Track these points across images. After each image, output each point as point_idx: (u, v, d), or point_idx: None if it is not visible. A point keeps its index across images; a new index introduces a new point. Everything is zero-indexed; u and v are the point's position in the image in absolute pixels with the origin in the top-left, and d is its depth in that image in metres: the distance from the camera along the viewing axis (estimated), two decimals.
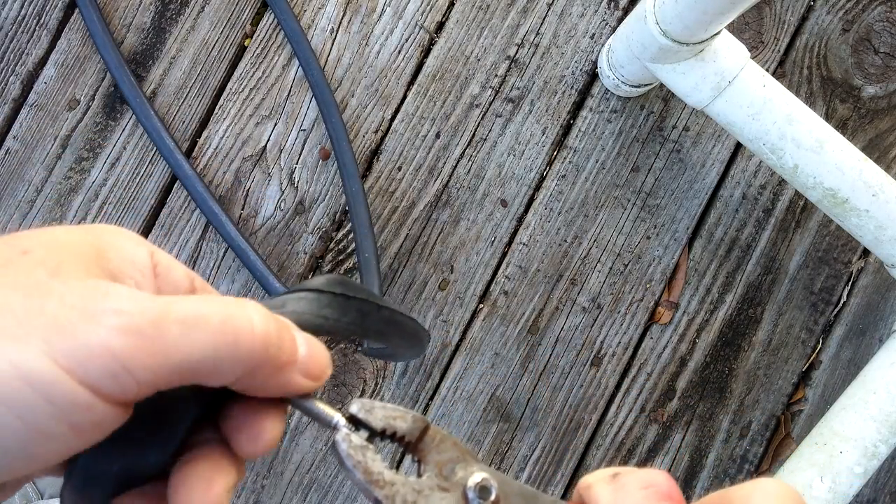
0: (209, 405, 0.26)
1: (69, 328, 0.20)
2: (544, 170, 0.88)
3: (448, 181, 0.87)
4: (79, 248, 0.23)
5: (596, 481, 0.26)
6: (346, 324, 0.29)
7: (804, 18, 0.90)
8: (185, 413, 0.25)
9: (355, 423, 0.26)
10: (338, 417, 0.26)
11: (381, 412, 0.26)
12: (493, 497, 0.26)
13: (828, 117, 0.89)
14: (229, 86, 0.87)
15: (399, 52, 0.88)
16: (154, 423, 0.24)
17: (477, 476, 0.26)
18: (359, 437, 0.26)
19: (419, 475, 0.26)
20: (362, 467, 0.25)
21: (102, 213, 0.87)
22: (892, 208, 0.70)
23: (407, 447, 0.27)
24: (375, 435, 0.26)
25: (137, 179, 0.86)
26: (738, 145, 0.89)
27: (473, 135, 0.87)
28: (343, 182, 0.82)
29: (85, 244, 0.24)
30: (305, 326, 0.27)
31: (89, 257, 0.23)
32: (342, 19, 0.87)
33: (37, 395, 0.20)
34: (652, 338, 0.88)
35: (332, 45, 0.87)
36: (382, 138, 0.87)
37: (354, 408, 0.26)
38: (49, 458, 0.21)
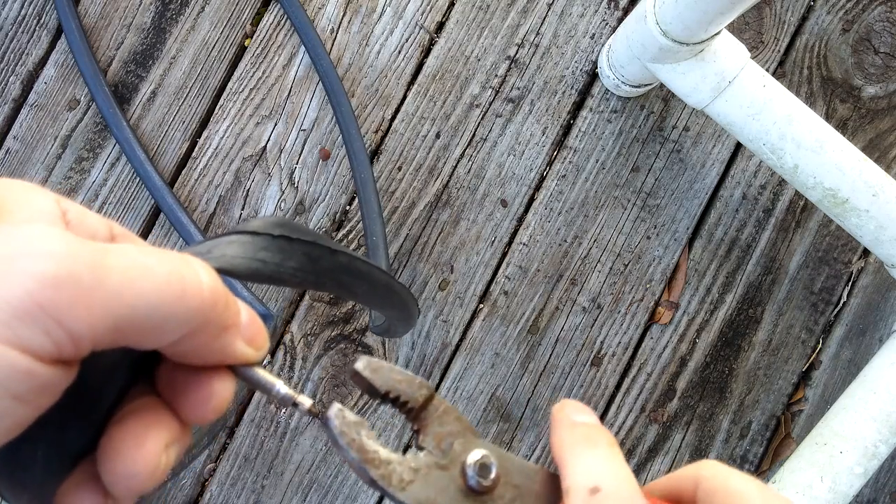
0: (137, 372, 0.24)
1: None
2: (544, 170, 0.88)
3: (448, 181, 0.87)
4: None
5: (574, 490, 0.24)
6: (292, 270, 0.26)
7: (804, 18, 0.90)
8: (110, 382, 0.23)
9: (359, 381, 0.25)
10: (279, 385, 0.24)
11: (388, 373, 0.25)
12: (492, 475, 0.25)
13: (828, 117, 0.89)
14: (229, 86, 0.87)
15: (399, 52, 0.88)
16: (74, 396, 0.21)
17: (476, 453, 0.25)
18: (353, 414, 0.24)
19: (418, 445, 0.25)
20: (356, 445, 0.24)
21: (102, 214, 0.87)
22: (892, 208, 0.70)
23: (408, 414, 0.25)
24: (377, 396, 0.25)
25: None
26: (738, 145, 0.89)
27: (473, 135, 0.87)
28: (352, 169, 0.82)
29: None
30: (238, 272, 0.24)
31: None
32: (342, 19, 0.87)
33: None
34: (652, 338, 0.88)
35: (333, 45, 0.87)
36: (382, 138, 0.87)
37: (360, 365, 0.25)
38: (1, 436, 0.19)
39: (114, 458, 0.21)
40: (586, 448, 0.25)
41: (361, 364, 0.25)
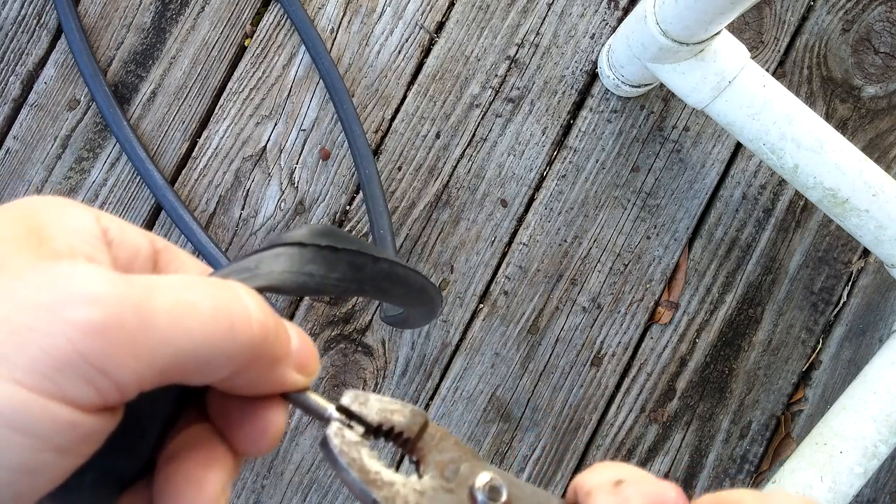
0: (186, 399, 0.23)
1: (26, 334, 0.16)
2: (544, 170, 0.88)
3: (448, 181, 0.87)
4: (10, 231, 0.19)
5: (596, 488, 0.23)
6: (336, 280, 0.25)
7: (804, 18, 0.90)
8: (157, 411, 0.22)
9: (349, 416, 0.23)
10: (331, 409, 0.23)
11: (377, 405, 0.23)
12: (503, 497, 0.23)
13: (828, 117, 0.89)
14: (229, 86, 0.87)
15: (399, 52, 0.88)
16: (122, 425, 0.20)
17: (485, 475, 0.23)
18: (353, 433, 0.23)
19: (419, 476, 0.24)
20: (357, 465, 0.22)
21: None
22: (892, 208, 0.70)
23: (405, 445, 0.24)
24: (371, 430, 0.23)
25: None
26: (738, 145, 0.89)
27: (473, 135, 0.87)
28: (356, 165, 0.83)
29: (16, 224, 0.19)
30: (286, 288, 0.24)
31: (27, 239, 0.19)
32: (342, 19, 0.87)
33: (5, 430, 0.16)
34: (652, 338, 0.88)
35: (333, 45, 0.87)
36: (382, 138, 0.87)
37: (347, 399, 0.23)
38: (42, 488, 0.18)
39: (174, 501, 0.21)
40: (605, 465, 0.24)
41: (349, 398, 0.23)
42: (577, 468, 0.87)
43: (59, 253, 0.19)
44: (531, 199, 0.87)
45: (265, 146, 0.86)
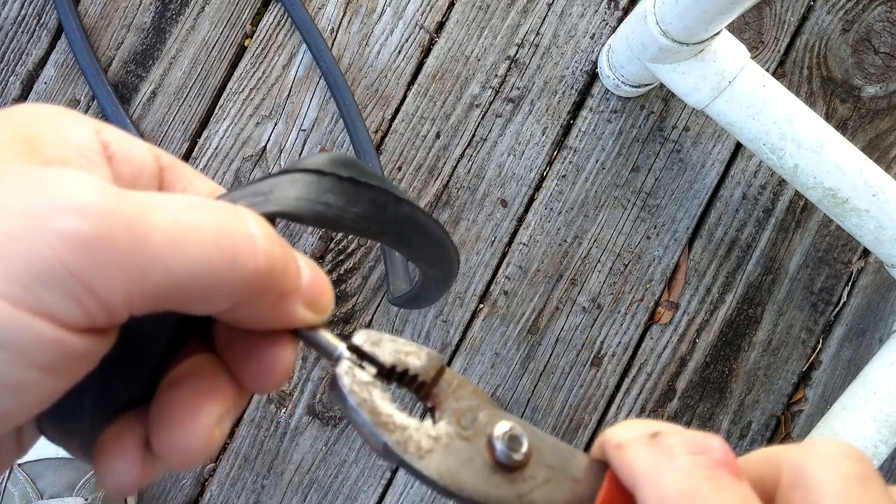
0: (191, 327, 0.22)
1: (7, 241, 0.15)
2: (544, 170, 0.88)
3: (448, 181, 0.87)
4: (2, 134, 0.18)
5: (629, 441, 0.21)
6: (356, 216, 0.23)
7: (804, 18, 0.90)
8: (158, 336, 0.21)
9: (360, 357, 0.22)
10: (342, 348, 0.22)
11: (391, 345, 0.22)
12: (524, 448, 0.21)
13: (828, 117, 0.89)
14: (229, 86, 0.87)
15: (399, 52, 0.88)
16: (120, 349, 0.19)
17: (504, 424, 0.22)
18: (364, 373, 0.21)
19: (434, 423, 0.22)
20: (368, 406, 0.21)
21: None
22: (892, 208, 0.70)
23: (419, 390, 0.22)
24: (383, 373, 0.22)
25: None
26: (738, 145, 0.89)
27: (473, 135, 0.87)
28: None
29: (6, 132, 0.18)
30: (301, 216, 0.22)
31: (18, 147, 0.18)
32: (342, 19, 0.87)
33: None
34: (652, 338, 0.88)
35: (332, 45, 0.87)
36: (382, 138, 0.87)
37: (359, 339, 0.22)
38: (30, 407, 0.17)
39: (166, 430, 0.20)
40: (634, 421, 0.22)
41: (361, 338, 0.22)
42: None
43: (51, 162, 0.18)
44: (531, 199, 0.87)
45: (265, 146, 0.86)
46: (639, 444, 0.20)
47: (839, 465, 0.19)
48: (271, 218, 0.21)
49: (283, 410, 0.85)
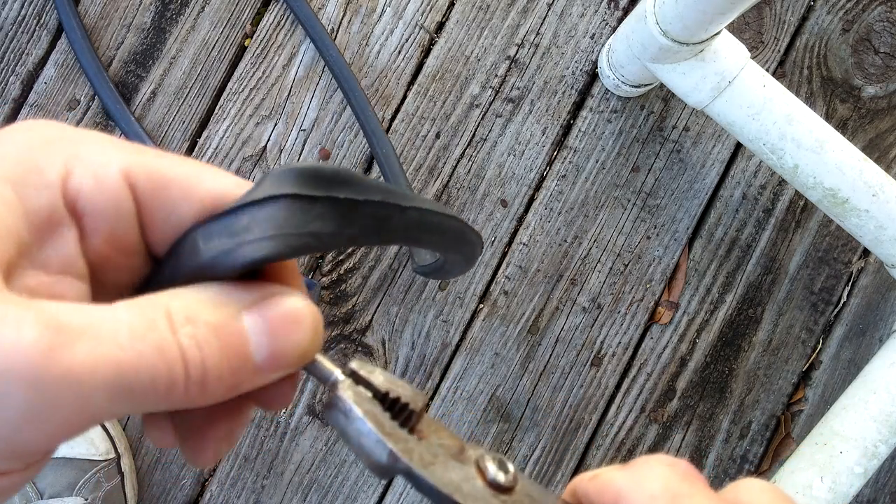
0: None
1: None
2: (544, 170, 0.88)
3: (448, 181, 0.87)
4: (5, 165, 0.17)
5: (604, 470, 0.22)
6: (351, 235, 0.21)
7: (804, 18, 0.90)
8: None
9: (356, 381, 0.22)
10: (337, 373, 0.22)
11: (382, 376, 0.22)
12: (511, 471, 0.22)
13: (828, 117, 0.89)
14: (229, 86, 0.87)
15: (399, 52, 0.88)
16: None
17: (489, 454, 0.23)
18: (365, 391, 0.22)
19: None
20: (374, 417, 0.21)
21: None
22: (892, 208, 0.70)
23: (406, 422, 0.22)
24: (378, 397, 0.22)
25: None
26: (738, 145, 0.89)
27: (473, 135, 0.87)
28: (371, 146, 0.83)
29: (17, 157, 0.17)
30: (282, 256, 0.20)
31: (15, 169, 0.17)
32: (342, 19, 0.87)
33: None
34: (652, 338, 0.88)
35: None
36: None
37: (355, 365, 0.22)
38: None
39: (188, 450, 0.22)
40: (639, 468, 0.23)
41: (356, 364, 0.22)
42: (577, 468, 0.87)
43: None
44: (531, 200, 0.87)
45: (265, 146, 0.86)
46: (613, 470, 0.22)
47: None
48: (241, 273, 0.20)
49: (283, 410, 0.85)
